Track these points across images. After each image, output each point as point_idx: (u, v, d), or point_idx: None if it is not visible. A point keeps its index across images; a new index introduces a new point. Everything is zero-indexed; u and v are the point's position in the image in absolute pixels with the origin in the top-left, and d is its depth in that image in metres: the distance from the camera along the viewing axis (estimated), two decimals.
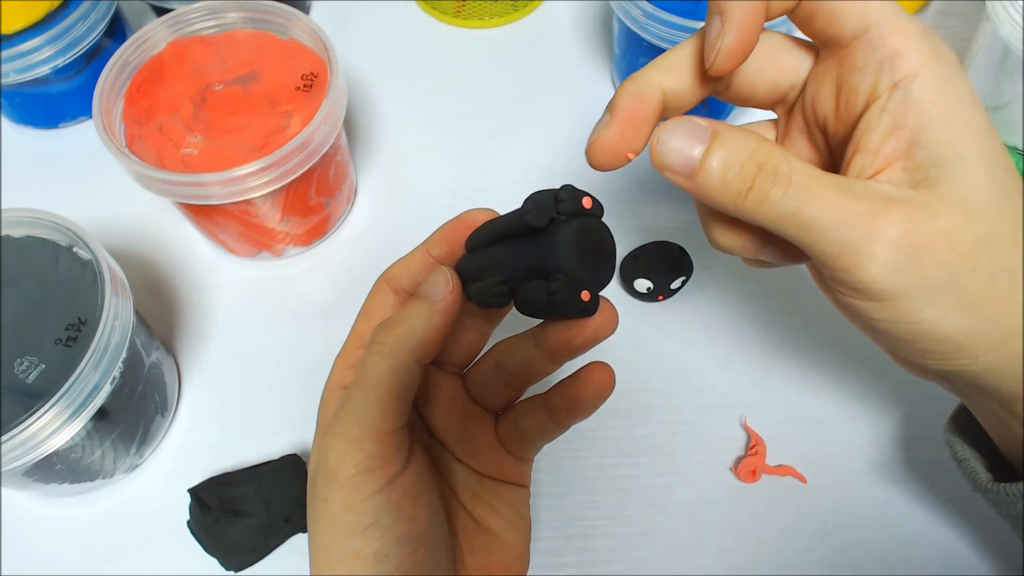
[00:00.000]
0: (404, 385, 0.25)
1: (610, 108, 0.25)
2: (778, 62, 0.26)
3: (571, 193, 0.24)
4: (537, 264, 0.24)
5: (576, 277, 0.24)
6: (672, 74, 0.25)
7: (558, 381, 0.28)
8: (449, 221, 0.28)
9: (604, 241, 0.25)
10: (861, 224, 0.21)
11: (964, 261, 0.21)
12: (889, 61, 0.22)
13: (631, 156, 0.24)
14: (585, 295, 0.24)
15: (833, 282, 0.23)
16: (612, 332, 0.26)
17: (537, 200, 0.24)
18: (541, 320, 0.27)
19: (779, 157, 0.22)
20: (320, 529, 0.24)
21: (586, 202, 0.24)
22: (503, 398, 0.30)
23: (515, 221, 0.25)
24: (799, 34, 0.26)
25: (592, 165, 0.25)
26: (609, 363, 0.27)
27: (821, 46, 0.25)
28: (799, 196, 0.22)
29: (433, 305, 0.25)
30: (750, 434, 0.39)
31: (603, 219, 0.25)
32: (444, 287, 0.25)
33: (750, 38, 0.23)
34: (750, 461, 0.38)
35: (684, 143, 0.23)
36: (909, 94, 0.22)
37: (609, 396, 0.27)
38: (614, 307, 0.26)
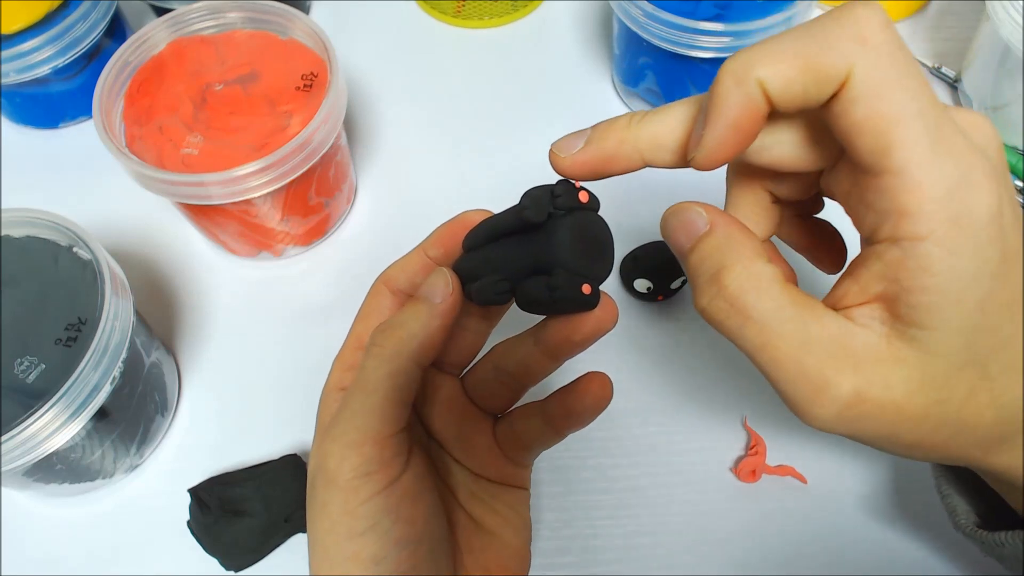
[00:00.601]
0: (403, 388, 0.25)
1: (589, 139, 0.24)
2: (806, 153, 0.22)
3: (567, 188, 0.24)
4: (537, 260, 0.24)
5: (577, 271, 0.24)
6: (659, 153, 0.23)
7: (556, 389, 0.28)
8: (445, 222, 0.28)
9: (602, 234, 0.25)
10: (811, 386, 0.20)
11: (907, 424, 0.21)
12: (895, 217, 0.19)
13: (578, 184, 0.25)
14: (586, 288, 0.24)
15: None
16: (612, 326, 0.26)
17: (534, 196, 0.24)
18: (540, 320, 0.27)
19: (743, 288, 0.21)
20: (319, 532, 0.24)
21: (582, 196, 0.24)
22: (501, 400, 0.30)
23: (512, 218, 0.25)
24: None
25: (550, 162, 0.25)
26: (609, 362, 0.27)
27: None
28: (755, 339, 0.21)
29: (433, 308, 0.25)
30: (750, 434, 0.39)
31: (601, 214, 0.25)
32: (444, 289, 0.25)
33: (734, 143, 0.21)
34: (750, 461, 0.38)
35: (680, 232, 0.23)
36: (908, 255, 0.19)
37: (606, 406, 0.28)
38: (613, 301, 0.26)
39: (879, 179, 0.19)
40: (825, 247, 0.28)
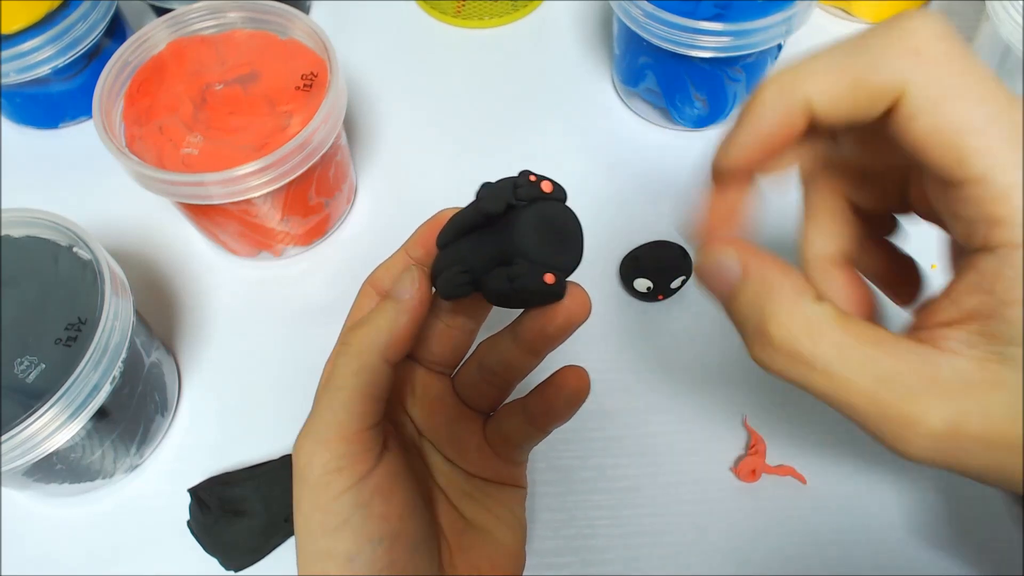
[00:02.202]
0: (372, 384, 0.25)
1: (738, 120, 0.22)
2: (887, 157, 0.22)
3: (528, 178, 0.24)
4: (500, 251, 0.24)
5: (538, 260, 0.23)
6: (827, 99, 0.20)
7: (536, 385, 0.28)
8: (424, 222, 0.28)
9: (567, 224, 0.25)
10: (896, 424, 0.19)
11: (1006, 452, 0.19)
12: (985, 225, 0.18)
13: None
14: (549, 278, 0.24)
15: None
16: (586, 317, 0.26)
17: (491, 187, 0.24)
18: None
19: (794, 336, 0.20)
20: (297, 530, 0.25)
21: (546, 186, 0.24)
22: (489, 398, 0.30)
23: (473, 211, 0.25)
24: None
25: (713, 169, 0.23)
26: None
27: None
28: (824, 386, 0.20)
29: (400, 304, 0.25)
30: (750, 433, 0.39)
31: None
32: (411, 286, 0.25)
33: (760, 153, 0.21)
34: (750, 461, 0.38)
35: (715, 281, 0.22)
36: (1003, 263, 0.18)
37: (584, 400, 0.27)
38: (585, 291, 0.25)
39: (962, 189, 0.18)
40: (900, 276, 0.26)
